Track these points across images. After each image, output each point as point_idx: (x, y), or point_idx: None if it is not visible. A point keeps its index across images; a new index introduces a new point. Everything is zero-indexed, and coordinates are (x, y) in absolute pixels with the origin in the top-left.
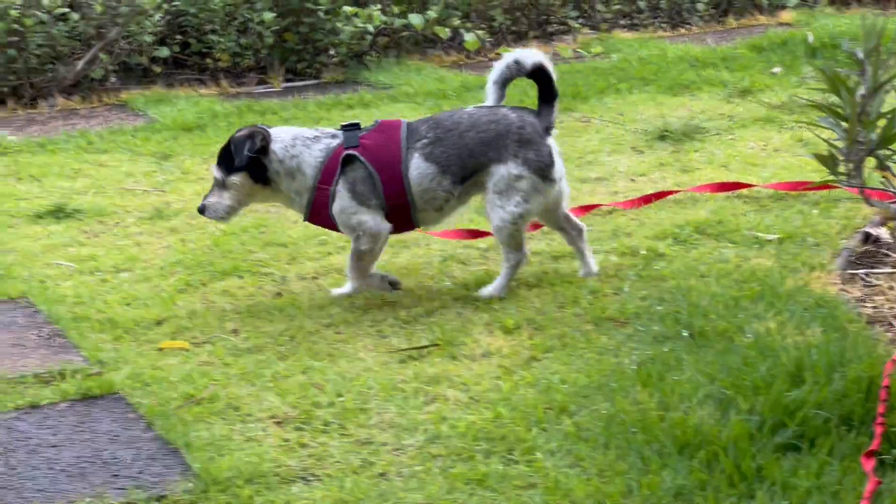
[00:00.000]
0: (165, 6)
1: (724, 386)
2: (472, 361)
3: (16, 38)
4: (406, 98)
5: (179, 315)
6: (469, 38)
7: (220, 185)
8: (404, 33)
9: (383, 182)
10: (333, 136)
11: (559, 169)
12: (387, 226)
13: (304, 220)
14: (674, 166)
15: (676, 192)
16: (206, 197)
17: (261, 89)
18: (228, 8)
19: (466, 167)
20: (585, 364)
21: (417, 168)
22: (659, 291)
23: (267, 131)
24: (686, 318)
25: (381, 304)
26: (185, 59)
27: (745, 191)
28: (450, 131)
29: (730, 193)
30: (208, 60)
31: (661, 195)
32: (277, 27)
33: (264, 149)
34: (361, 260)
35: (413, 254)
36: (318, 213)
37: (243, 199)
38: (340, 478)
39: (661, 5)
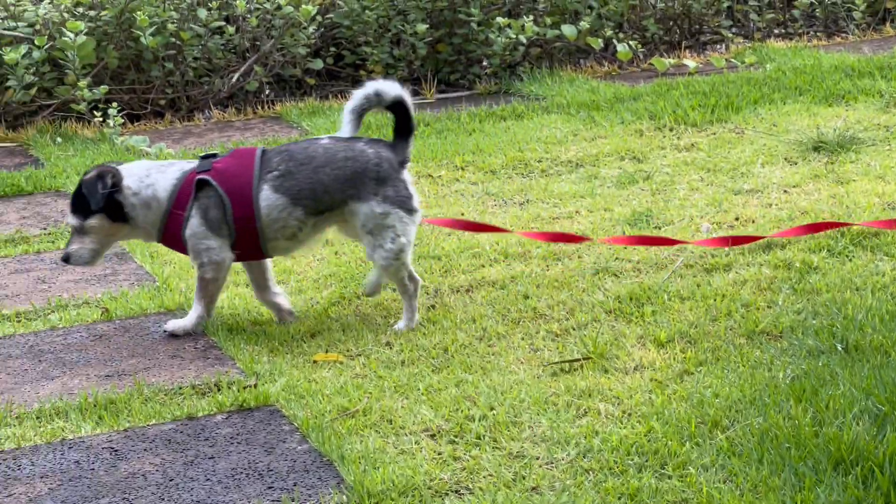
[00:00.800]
0: (319, 18)
1: (880, 402)
2: (624, 375)
3: (173, 52)
4: (558, 109)
5: (333, 327)
6: (621, 48)
7: (80, 231)
8: (556, 44)
9: (233, 207)
10: (189, 163)
11: (417, 199)
12: (230, 255)
13: (157, 241)
14: (828, 178)
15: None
16: (66, 246)
17: (414, 100)
18: (382, 20)
19: (321, 201)
20: (738, 378)
21: (267, 199)
22: (813, 305)
23: (116, 169)
24: (841, 332)
25: (533, 316)
26: (339, 70)
27: None
28: (303, 165)
29: (886, 205)
30: (361, 72)
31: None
32: (430, 38)
33: (116, 186)
34: (207, 289)
35: (565, 266)
36: (172, 236)
37: (105, 241)
38: (493, 491)
39: (816, 14)
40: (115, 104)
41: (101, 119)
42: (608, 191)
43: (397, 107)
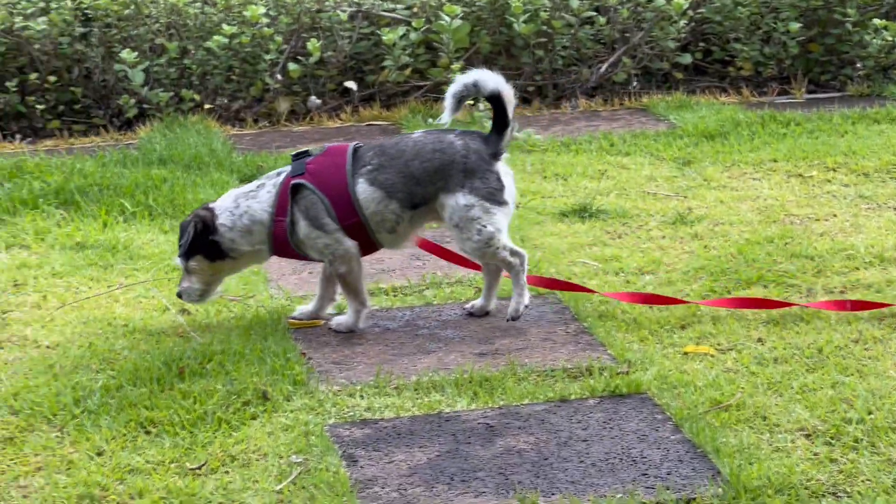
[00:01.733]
0: (690, 13)
1: None
2: None
3: (544, 40)
4: None
5: (703, 320)
6: None
7: (186, 271)
8: None
9: (333, 204)
10: (279, 174)
11: (510, 191)
12: (351, 243)
13: (269, 256)
14: None
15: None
16: (180, 282)
17: (782, 100)
18: (754, 17)
19: (415, 194)
20: None
21: (364, 192)
22: None
23: (207, 211)
24: None
25: None
26: (706, 66)
27: None
28: (394, 159)
29: None
30: (730, 68)
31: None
32: (802, 38)
33: (207, 228)
34: (346, 282)
35: None
36: (281, 245)
37: (211, 279)
38: (872, 497)
39: None
40: None
41: (470, 102)
42: None
43: (495, 99)
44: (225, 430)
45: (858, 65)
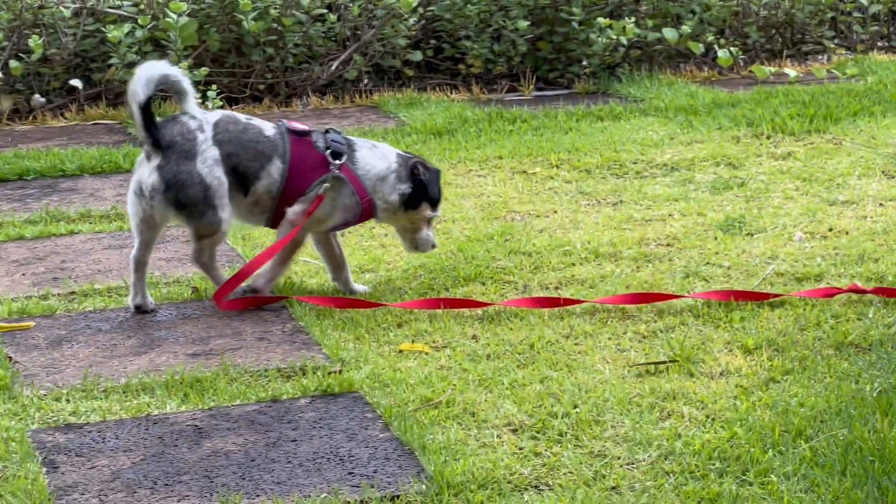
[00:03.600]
0: (420, 10)
1: None
2: (709, 379)
3: (274, 38)
4: (656, 112)
5: (420, 318)
6: (722, 54)
7: None
8: (657, 47)
9: None
10: None
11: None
12: None
13: None
14: None
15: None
16: None
17: (511, 97)
18: (483, 14)
19: None
20: (825, 388)
21: None
22: None
23: None
24: None
25: (621, 317)
26: (438, 63)
27: None
28: None
29: None
30: (461, 66)
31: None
32: (531, 35)
33: None
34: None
35: (655, 268)
36: None
37: None
38: (572, 489)
39: None
40: (214, 87)
41: (200, 101)
42: (702, 195)
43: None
44: None
45: (584, 63)
